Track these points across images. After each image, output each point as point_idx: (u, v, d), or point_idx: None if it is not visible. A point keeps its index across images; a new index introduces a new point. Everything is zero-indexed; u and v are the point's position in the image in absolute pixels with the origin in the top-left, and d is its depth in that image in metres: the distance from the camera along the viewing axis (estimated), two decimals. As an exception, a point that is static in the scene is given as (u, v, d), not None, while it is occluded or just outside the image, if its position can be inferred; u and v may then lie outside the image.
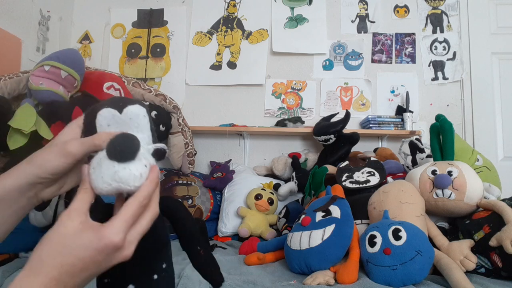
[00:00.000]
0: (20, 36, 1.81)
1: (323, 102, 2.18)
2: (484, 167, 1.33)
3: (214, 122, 2.14)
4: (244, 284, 0.84)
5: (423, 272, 0.83)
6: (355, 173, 1.36)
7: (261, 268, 1.03)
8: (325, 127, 1.81)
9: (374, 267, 0.86)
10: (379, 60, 2.19)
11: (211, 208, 1.70)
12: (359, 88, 2.18)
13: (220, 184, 1.79)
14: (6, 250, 1.10)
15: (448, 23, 2.19)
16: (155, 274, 0.47)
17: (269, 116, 2.18)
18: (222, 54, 2.24)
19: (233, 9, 2.28)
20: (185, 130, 1.80)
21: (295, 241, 0.99)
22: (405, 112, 2.01)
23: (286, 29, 2.23)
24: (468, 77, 2.14)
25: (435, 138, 1.21)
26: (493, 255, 0.90)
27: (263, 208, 1.59)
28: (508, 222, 0.89)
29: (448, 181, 1.04)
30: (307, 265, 0.93)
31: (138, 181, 0.38)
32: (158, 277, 0.47)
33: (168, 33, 2.29)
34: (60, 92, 1.35)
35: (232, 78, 2.20)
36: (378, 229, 0.93)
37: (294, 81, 2.20)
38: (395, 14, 2.23)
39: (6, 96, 1.32)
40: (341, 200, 1.05)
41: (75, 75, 1.39)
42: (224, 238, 1.59)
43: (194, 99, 2.21)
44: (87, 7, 2.34)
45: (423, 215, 1.05)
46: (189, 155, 1.81)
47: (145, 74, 2.25)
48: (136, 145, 0.39)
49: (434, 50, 2.18)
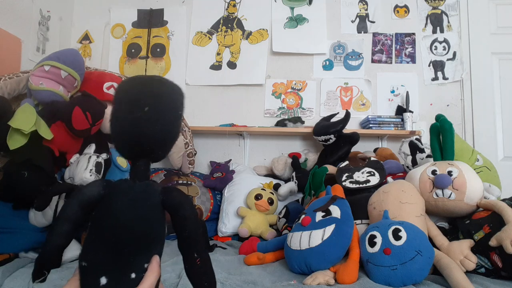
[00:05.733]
0: (20, 36, 1.81)
1: (323, 102, 2.18)
2: (484, 167, 1.33)
3: (214, 122, 2.14)
4: (244, 284, 0.84)
5: (423, 272, 0.83)
6: (355, 173, 1.36)
7: (261, 268, 1.03)
8: (325, 127, 1.81)
9: (374, 267, 0.86)
10: (379, 60, 2.19)
11: (211, 208, 1.70)
12: (359, 88, 2.18)
13: (220, 184, 1.79)
14: (6, 250, 1.10)
15: (448, 23, 2.19)
16: (133, 272, 0.43)
17: (269, 116, 2.18)
18: (222, 54, 2.24)
19: (233, 9, 2.28)
20: (185, 130, 1.80)
21: (295, 241, 0.99)
22: (405, 112, 2.02)
23: (286, 29, 2.23)
24: (468, 77, 2.14)
25: (435, 138, 1.21)
26: (493, 255, 0.90)
27: (263, 208, 1.59)
28: (508, 222, 0.89)
29: (448, 181, 1.04)
30: (307, 265, 0.93)
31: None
32: (136, 277, 0.43)
33: (168, 33, 2.29)
34: (60, 92, 1.35)
35: (232, 78, 2.20)
36: (378, 229, 0.93)
37: (294, 81, 2.20)
38: (395, 14, 2.23)
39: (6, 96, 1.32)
40: (341, 200, 1.05)
41: (75, 75, 1.39)
42: (224, 238, 1.59)
43: (194, 99, 2.21)
44: (87, 7, 2.34)
45: (423, 215, 1.05)
46: (189, 155, 1.81)
47: (145, 74, 2.25)
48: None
49: (434, 50, 2.18)
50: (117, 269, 0.42)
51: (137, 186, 0.46)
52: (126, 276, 0.43)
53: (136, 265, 0.43)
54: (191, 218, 0.47)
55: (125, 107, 0.44)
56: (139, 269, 0.43)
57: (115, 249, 0.42)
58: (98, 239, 0.43)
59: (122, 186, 0.46)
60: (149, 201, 0.45)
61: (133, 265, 0.43)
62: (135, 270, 0.43)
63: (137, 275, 0.43)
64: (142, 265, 0.44)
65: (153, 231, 0.45)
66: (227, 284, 0.83)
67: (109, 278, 0.42)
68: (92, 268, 0.42)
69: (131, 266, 0.43)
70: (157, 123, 0.44)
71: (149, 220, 0.45)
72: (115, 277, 0.42)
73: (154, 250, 0.45)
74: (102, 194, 0.45)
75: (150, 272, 0.43)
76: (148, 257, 0.44)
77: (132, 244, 0.43)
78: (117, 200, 0.44)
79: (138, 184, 0.46)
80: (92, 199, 0.44)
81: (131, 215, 0.44)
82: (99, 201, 0.45)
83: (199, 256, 0.47)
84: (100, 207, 0.44)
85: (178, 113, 0.47)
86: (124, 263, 0.43)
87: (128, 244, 0.43)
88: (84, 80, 1.50)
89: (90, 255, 0.43)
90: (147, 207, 0.45)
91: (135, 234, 0.43)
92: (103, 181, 0.46)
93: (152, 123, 0.44)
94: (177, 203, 0.47)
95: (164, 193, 0.47)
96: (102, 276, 0.42)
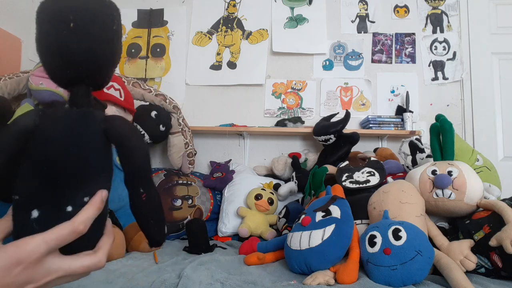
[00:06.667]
0: (20, 36, 1.81)
1: (323, 102, 2.18)
2: (484, 167, 1.33)
3: (214, 122, 2.14)
4: (244, 284, 0.84)
5: (423, 272, 0.83)
6: (355, 173, 1.36)
7: (261, 268, 1.03)
8: (325, 127, 1.81)
9: (374, 267, 0.86)
10: (379, 60, 2.19)
11: (211, 208, 1.70)
12: (359, 88, 2.18)
13: (220, 184, 1.79)
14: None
15: (448, 23, 2.19)
16: (69, 205, 0.39)
17: (269, 116, 2.18)
18: (222, 54, 2.24)
19: (233, 9, 2.28)
20: (185, 130, 1.80)
21: (295, 241, 0.99)
22: (405, 112, 2.01)
23: (286, 29, 2.23)
24: (468, 77, 2.14)
25: (435, 138, 1.21)
26: (493, 255, 0.90)
27: (263, 208, 1.59)
28: (508, 222, 0.89)
29: (448, 181, 1.04)
30: (307, 265, 0.93)
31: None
32: (73, 210, 0.39)
33: (168, 33, 2.29)
34: (60, 92, 1.35)
35: (232, 78, 2.20)
36: (378, 229, 0.93)
37: (294, 81, 2.20)
38: (395, 14, 2.23)
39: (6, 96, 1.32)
40: (341, 200, 1.05)
41: (75, 75, 1.39)
42: (224, 238, 1.59)
43: (194, 99, 2.21)
44: (87, 7, 2.34)
45: (423, 215, 1.05)
46: (189, 155, 1.81)
47: (145, 74, 2.25)
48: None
49: (434, 50, 2.18)
50: (50, 202, 0.39)
51: (74, 113, 0.42)
52: (60, 209, 0.39)
53: (72, 198, 0.40)
54: (136, 149, 0.44)
55: (49, 26, 0.40)
56: (76, 203, 0.40)
57: (48, 180, 0.39)
58: (31, 170, 0.40)
59: (57, 114, 0.42)
60: (87, 129, 0.42)
61: (68, 198, 0.40)
62: (71, 203, 0.40)
63: (74, 208, 0.39)
64: (81, 198, 0.40)
65: (91, 161, 0.41)
66: (227, 284, 0.83)
67: (41, 211, 0.39)
68: (23, 201, 0.39)
69: (66, 199, 0.40)
70: (85, 41, 0.40)
71: (86, 149, 0.41)
72: (47, 210, 0.39)
73: (95, 182, 0.41)
74: (37, 123, 0.41)
75: (89, 205, 0.39)
76: (89, 191, 0.40)
77: (66, 175, 0.40)
78: (51, 128, 0.41)
79: (76, 111, 0.42)
80: (28, 129, 0.41)
81: (65, 143, 0.40)
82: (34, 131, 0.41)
83: (145, 192, 0.44)
84: (34, 136, 0.41)
85: (110, 29, 0.43)
86: (59, 195, 0.40)
87: (62, 174, 0.40)
88: (84, 80, 1.50)
89: (22, 188, 0.40)
90: (84, 135, 0.41)
91: (69, 164, 0.40)
92: (38, 110, 0.43)
93: (80, 41, 0.40)
94: (120, 132, 0.43)
95: (106, 121, 0.43)
96: (34, 209, 0.39)
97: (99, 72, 0.44)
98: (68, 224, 0.37)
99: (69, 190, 0.40)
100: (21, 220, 0.39)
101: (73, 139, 0.41)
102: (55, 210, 0.39)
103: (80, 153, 0.41)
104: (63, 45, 0.40)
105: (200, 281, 0.83)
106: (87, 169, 0.41)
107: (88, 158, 0.41)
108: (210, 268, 0.94)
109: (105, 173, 0.43)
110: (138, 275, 0.89)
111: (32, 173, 0.40)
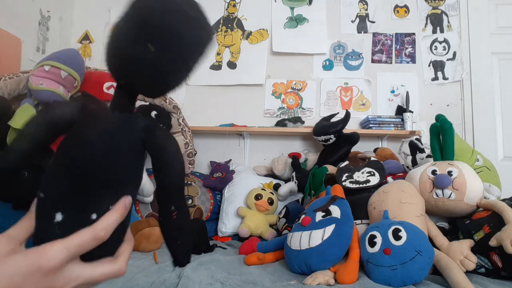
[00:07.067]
0: (20, 36, 1.81)
1: (323, 102, 2.18)
2: (484, 167, 1.33)
3: (214, 122, 2.14)
4: (244, 284, 0.84)
5: (423, 272, 0.83)
6: (355, 173, 1.36)
7: (261, 268, 1.03)
8: (325, 127, 1.81)
9: (374, 267, 0.86)
10: (379, 60, 2.19)
11: (211, 208, 1.70)
12: (359, 88, 2.18)
13: (220, 184, 1.79)
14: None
15: (448, 23, 2.19)
16: (94, 212, 0.37)
17: (269, 116, 2.18)
18: (222, 54, 2.24)
19: (233, 9, 2.28)
20: (185, 130, 1.80)
21: (295, 241, 0.99)
22: (405, 112, 2.01)
23: (286, 29, 2.23)
24: (468, 77, 2.14)
25: (435, 138, 1.21)
26: (493, 255, 0.90)
27: (263, 208, 1.59)
28: (508, 222, 0.89)
29: (448, 181, 1.04)
30: (307, 265, 0.93)
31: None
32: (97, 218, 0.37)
33: (168, 33, 2.29)
34: (60, 92, 1.35)
35: (232, 78, 2.20)
36: (378, 229, 0.93)
37: (294, 81, 2.20)
38: (395, 14, 2.23)
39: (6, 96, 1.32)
40: (341, 200, 1.05)
41: (75, 75, 1.39)
42: (224, 238, 1.59)
43: (194, 99, 2.21)
44: (87, 7, 2.34)
45: (423, 215, 1.05)
46: (189, 155, 1.81)
47: (145, 74, 2.25)
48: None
49: (434, 50, 2.18)
50: (76, 207, 0.37)
51: (117, 116, 0.39)
52: (85, 215, 0.37)
53: (99, 205, 0.37)
54: (174, 165, 0.40)
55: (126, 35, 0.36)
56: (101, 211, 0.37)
57: (79, 184, 0.36)
58: (61, 168, 0.37)
59: (100, 114, 0.39)
60: (128, 136, 0.39)
61: (95, 205, 0.37)
62: (96, 210, 0.37)
63: (99, 217, 0.37)
64: (107, 206, 0.37)
65: (126, 171, 0.39)
66: (227, 284, 0.83)
67: (65, 215, 0.36)
68: (49, 201, 0.37)
69: (93, 206, 0.37)
70: (161, 69, 0.36)
71: (124, 158, 0.38)
72: (72, 215, 0.36)
73: (123, 192, 0.39)
74: (75, 118, 0.38)
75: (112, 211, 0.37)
76: (116, 199, 0.38)
77: (98, 181, 0.37)
78: (91, 128, 0.38)
79: (118, 116, 0.39)
80: (63, 121, 0.38)
81: (103, 147, 0.37)
82: (71, 126, 0.38)
83: (177, 209, 0.42)
84: (71, 133, 0.38)
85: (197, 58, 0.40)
86: (86, 200, 0.37)
87: (94, 180, 0.37)
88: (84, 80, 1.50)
89: (50, 186, 0.37)
90: (124, 142, 0.38)
91: (104, 171, 0.37)
92: (80, 104, 0.39)
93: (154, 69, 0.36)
94: (160, 145, 0.40)
95: (146, 130, 0.40)
96: (58, 212, 0.36)
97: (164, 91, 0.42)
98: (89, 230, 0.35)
99: (98, 198, 0.37)
100: (44, 222, 0.37)
101: (113, 145, 0.38)
102: (80, 216, 0.37)
103: (117, 162, 0.38)
104: (133, 66, 0.36)
105: (200, 281, 0.83)
106: (120, 178, 0.39)
107: (124, 168, 0.39)
108: (210, 268, 0.94)
109: (135, 183, 0.41)
110: (138, 275, 0.89)
111: (62, 172, 0.37)
